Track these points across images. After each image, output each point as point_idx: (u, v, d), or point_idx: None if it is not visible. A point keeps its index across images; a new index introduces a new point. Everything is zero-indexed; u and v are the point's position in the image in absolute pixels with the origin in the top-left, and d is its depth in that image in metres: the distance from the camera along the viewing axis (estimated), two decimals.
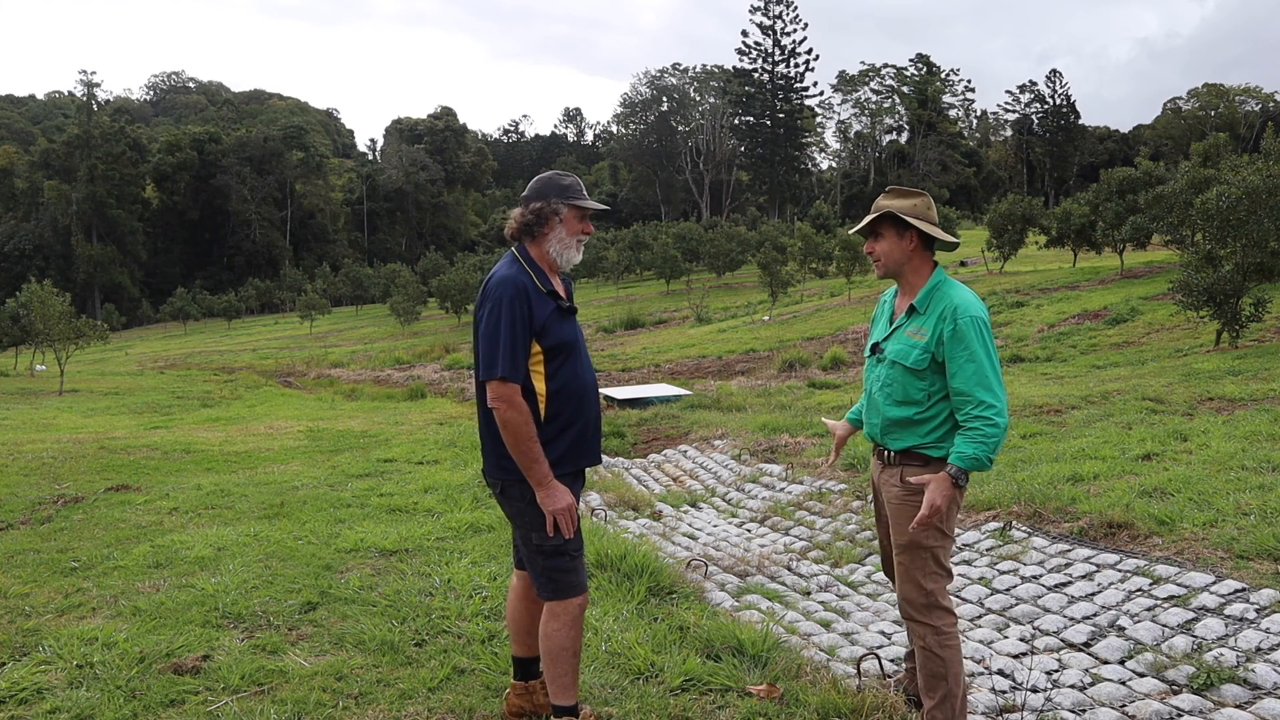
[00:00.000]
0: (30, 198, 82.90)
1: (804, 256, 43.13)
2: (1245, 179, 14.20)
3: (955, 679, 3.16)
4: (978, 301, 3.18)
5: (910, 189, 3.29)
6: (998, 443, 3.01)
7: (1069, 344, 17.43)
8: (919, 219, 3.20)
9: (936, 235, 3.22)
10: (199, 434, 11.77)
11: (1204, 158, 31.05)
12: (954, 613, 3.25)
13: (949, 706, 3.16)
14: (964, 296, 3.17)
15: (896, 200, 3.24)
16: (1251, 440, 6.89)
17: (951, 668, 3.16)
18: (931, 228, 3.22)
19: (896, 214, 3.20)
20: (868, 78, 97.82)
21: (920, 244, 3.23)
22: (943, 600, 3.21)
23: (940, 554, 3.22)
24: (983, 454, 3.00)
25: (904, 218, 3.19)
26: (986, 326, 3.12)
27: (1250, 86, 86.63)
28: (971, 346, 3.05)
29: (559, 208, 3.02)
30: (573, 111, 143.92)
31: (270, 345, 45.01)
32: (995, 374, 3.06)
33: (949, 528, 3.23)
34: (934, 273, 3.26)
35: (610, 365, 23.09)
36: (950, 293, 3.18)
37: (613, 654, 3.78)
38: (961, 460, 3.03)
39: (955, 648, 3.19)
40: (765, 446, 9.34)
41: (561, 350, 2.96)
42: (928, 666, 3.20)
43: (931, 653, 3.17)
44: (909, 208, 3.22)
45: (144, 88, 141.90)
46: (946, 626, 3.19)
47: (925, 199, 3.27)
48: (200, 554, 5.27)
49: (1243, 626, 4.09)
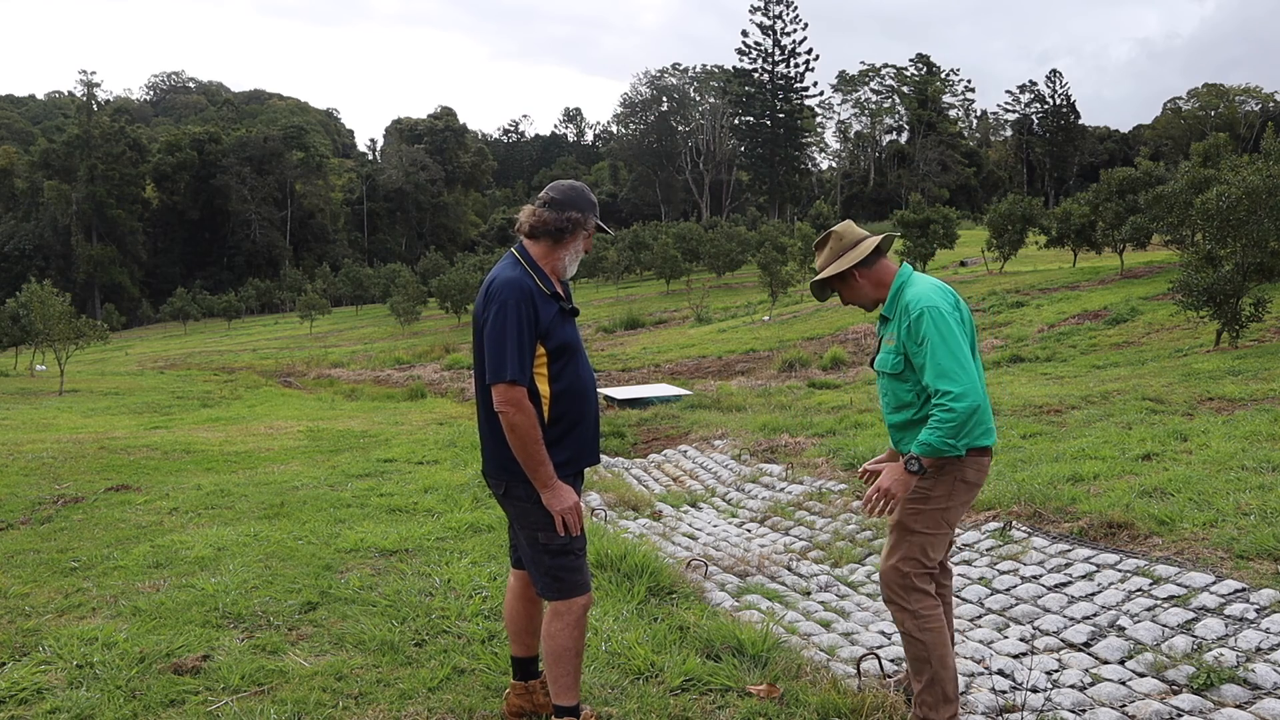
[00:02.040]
0: (30, 198, 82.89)
1: (804, 256, 43.06)
2: (1245, 179, 14.19)
3: (940, 660, 3.18)
4: (933, 291, 3.20)
5: (820, 239, 3.44)
6: (956, 426, 3.03)
7: (1069, 344, 17.43)
8: (843, 256, 3.32)
9: (863, 255, 3.29)
10: (199, 434, 11.77)
11: (1204, 158, 30.99)
12: (933, 596, 3.27)
13: (936, 689, 3.18)
14: (917, 290, 3.21)
15: (820, 261, 3.40)
16: (1251, 440, 6.89)
17: (934, 650, 3.18)
18: (854, 251, 3.31)
19: (828, 280, 3.36)
20: (868, 78, 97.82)
21: (864, 270, 3.32)
22: (920, 584, 3.24)
23: (927, 543, 3.23)
24: (936, 439, 3.04)
25: (830, 275, 3.34)
26: (941, 312, 3.12)
27: (1250, 86, 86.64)
28: (927, 337, 3.10)
29: (590, 223, 3.07)
30: (573, 111, 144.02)
31: (270, 345, 45.00)
32: (955, 358, 3.06)
33: (947, 518, 3.24)
34: (895, 276, 3.33)
35: (610, 365, 23.09)
36: (906, 291, 3.25)
37: (613, 654, 3.78)
38: (917, 446, 3.09)
39: (936, 630, 3.21)
40: (765, 446, 9.34)
41: (565, 352, 2.97)
42: (910, 650, 3.25)
43: (912, 637, 3.22)
44: (828, 261, 3.36)
45: (144, 88, 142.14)
46: (925, 610, 3.22)
47: (833, 235, 3.39)
48: (200, 554, 5.27)
49: (1243, 626, 4.09)
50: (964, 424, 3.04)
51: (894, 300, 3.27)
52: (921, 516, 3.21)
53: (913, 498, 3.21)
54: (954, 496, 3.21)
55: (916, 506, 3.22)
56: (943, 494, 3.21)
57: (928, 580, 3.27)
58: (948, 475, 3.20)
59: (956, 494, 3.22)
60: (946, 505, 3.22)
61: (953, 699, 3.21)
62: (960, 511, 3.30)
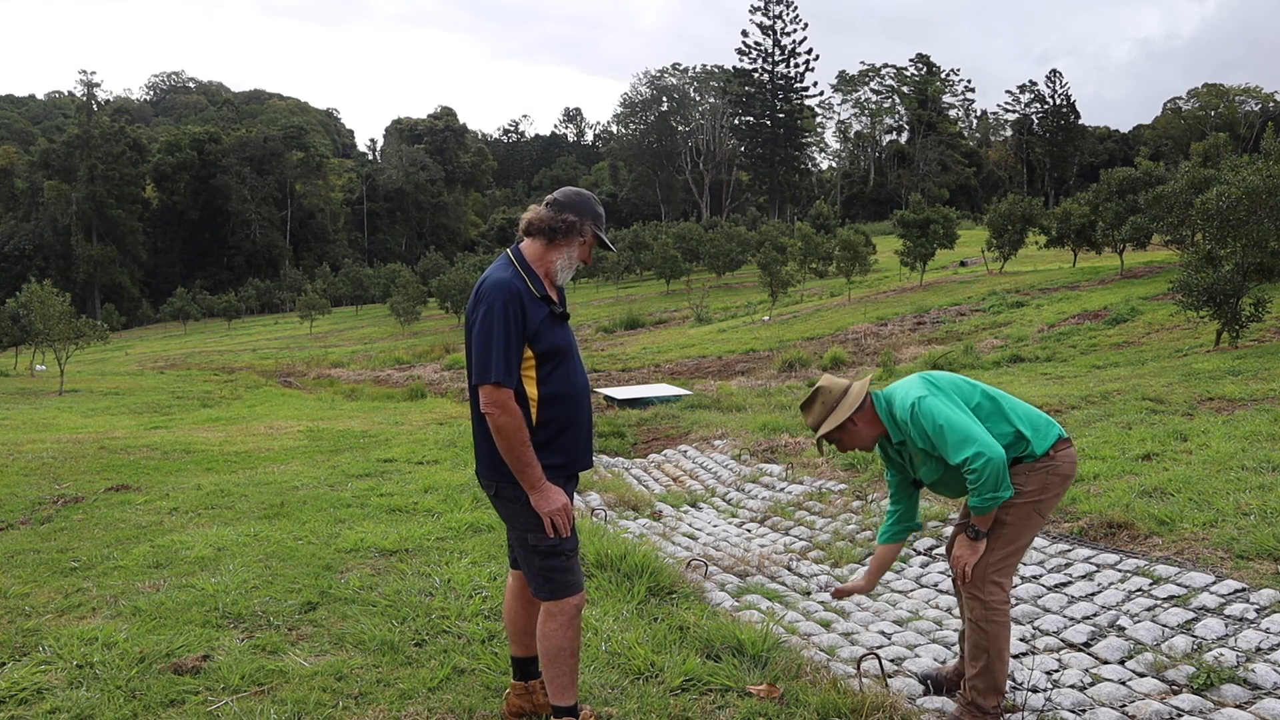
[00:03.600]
0: (30, 198, 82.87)
1: (804, 256, 43.14)
2: (1245, 179, 14.19)
3: (998, 653, 3.35)
4: (909, 387, 3.41)
5: (806, 400, 3.55)
6: (991, 481, 3.20)
7: (1069, 344, 17.43)
8: (837, 408, 3.46)
9: (857, 402, 3.44)
10: (199, 434, 11.77)
11: (1204, 158, 31.04)
12: (1008, 593, 3.41)
13: (989, 677, 3.36)
14: (898, 399, 3.41)
15: (812, 420, 3.53)
16: (1251, 440, 6.89)
17: (995, 642, 3.34)
18: (847, 400, 3.46)
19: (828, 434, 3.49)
20: (868, 78, 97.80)
21: (859, 414, 3.46)
22: (1000, 578, 3.37)
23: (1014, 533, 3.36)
24: (982, 501, 3.24)
25: (830, 429, 3.47)
26: (925, 399, 3.31)
27: (1250, 86, 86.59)
28: (929, 427, 3.30)
29: (586, 230, 3.05)
30: (573, 111, 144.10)
31: (270, 345, 44.99)
32: (961, 427, 3.24)
33: (1039, 510, 3.37)
34: (877, 405, 3.48)
35: (610, 365, 23.09)
36: (893, 406, 3.44)
37: (613, 654, 3.78)
38: (973, 509, 3.31)
39: (1002, 624, 3.36)
40: (765, 446, 9.33)
41: (553, 356, 2.96)
42: (972, 638, 3.39)
43: (978, 625, 3.37)
44: (822, 417, 3.49)
45: (144, 88, 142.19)
46: (997, 603, 3.35)
47: (820, 392, 3.53)
48: (200, 554, 5.27)
49: (1243, 626, 4.09)
50: (997, 477, 3.20)
51: (891, 421, 3.45)
52: (1013, 508, 3.34)
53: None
54: (1048, 488, 3.36)
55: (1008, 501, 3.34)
56: (1037, 484, 3.35)
57: (1008, 574, 3.41)
58: (1041, 469, 3.35)
59: (1051, 484, 3.36)
60: (1040, 497, 3.36)
61: (1002, 691, 3.38)
62: (1051, 505, 3.43)
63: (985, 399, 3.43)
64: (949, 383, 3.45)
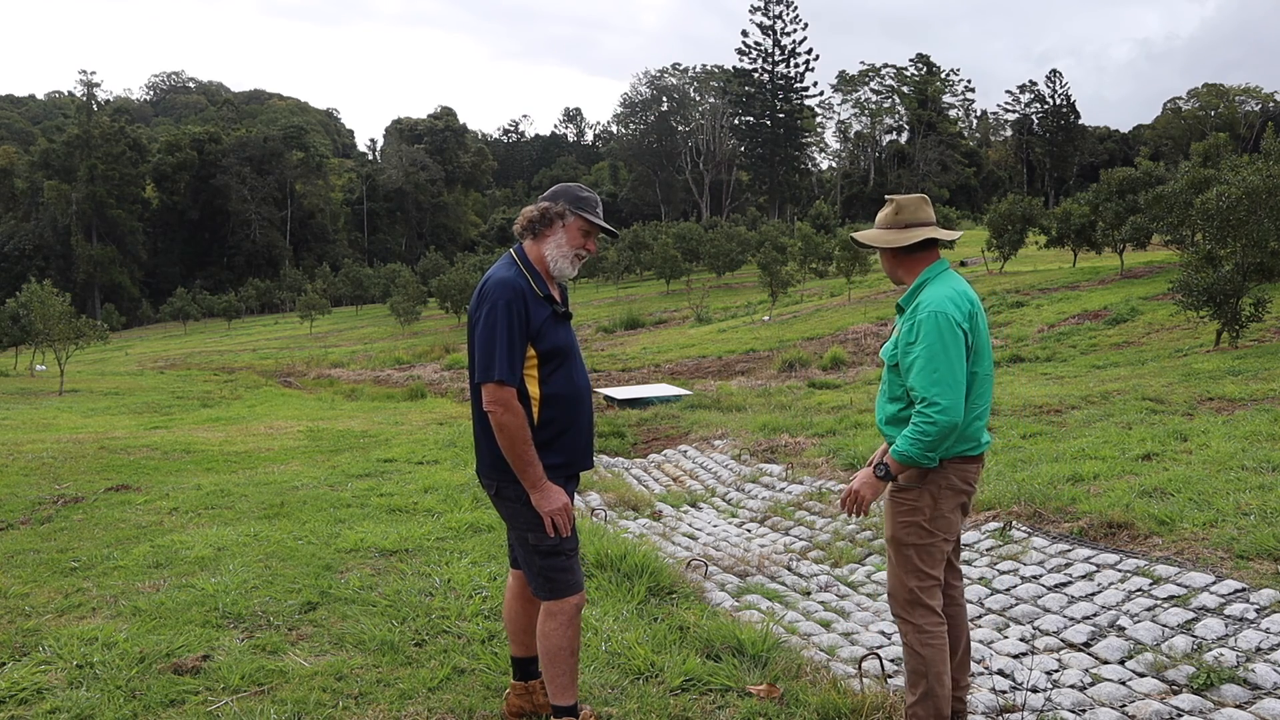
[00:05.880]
0: (30, 198, 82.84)
1: (804, 256, 43.11)
2: (1245, 179, 14.19)
3: (936, 678, 3.12)
4: (948, 298, 3.08)
5: (889, 197, 3.31)
6: (935, 441, 2.96)
7: (1069, 344, 17.43)
8: (888, 231, 3.23)
9: (899, 244, 3.20)
10: (199, 434, 11.77)
11: (1204, 158, 31.03)
12: (939, 613, 3.17)
13: (929, 704, 3.13)
14: (934, 294, 3.10)
15: (878, 218, 3.30)
16: (1251, 440, 6.89)
17: (932, 666, 3.12)
18: (896, 235, 3.20)
19: (860, 240, 3.30)
20: (868, 78, 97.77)
21: (897, 251, 3.24)
22: (926, 599, 3.15)
23: (920, 554, 3.13)
24: (914, 451, 2.98)
25: (861, 243, 3.29)
26: (949, 319, 3.01)
27: (1250, 87, 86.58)
28: (925, 340, 3.00)
29: (565, 212, 3.03)
30: (573, 111, 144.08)
31: (270, 345, 44.99)
32: (949, 370, 2.96)
33: (936, 527, 3.13)
34: (925, 271, 3.23)
35: (610, 365, 23.08)
36: (926, 289, 3.15)
37: (613, 654, 3.78)
38: (892, 452, 3.04)
39: (938, 647, 3.14)
40: (765, 446, 9.33)
41: (556, 355, 2.97)
42: (909, 663, 3.18)
43: (913, 650, 3.15)
44: (878, 226, 3.28)
45: (144, 88, 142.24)
46: (929, 625, 3.13)
47: (892, 206, 3.27)
48: (200, 554, 5.27)
49: (1243, 626, 4.09)
50: (942, 439, 2.97)
51: (913, 294, 3.18)
52: (911, 529, 3.12)
53: (900, 509, 3.14)
54: (940, 504, 3.12)
55: (905, 519, 3.13)
56: (928, 503, 3.11)
57: (934, 594, 3.16)
58: (931, 484, 3.10)
59: (943, 500, 3.12)
60: (934, 514, 3.12)
61: (945, 717, 3.15)
62: (952, 519, 3.18)
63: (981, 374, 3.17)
64: (984, 333, 3.15)
